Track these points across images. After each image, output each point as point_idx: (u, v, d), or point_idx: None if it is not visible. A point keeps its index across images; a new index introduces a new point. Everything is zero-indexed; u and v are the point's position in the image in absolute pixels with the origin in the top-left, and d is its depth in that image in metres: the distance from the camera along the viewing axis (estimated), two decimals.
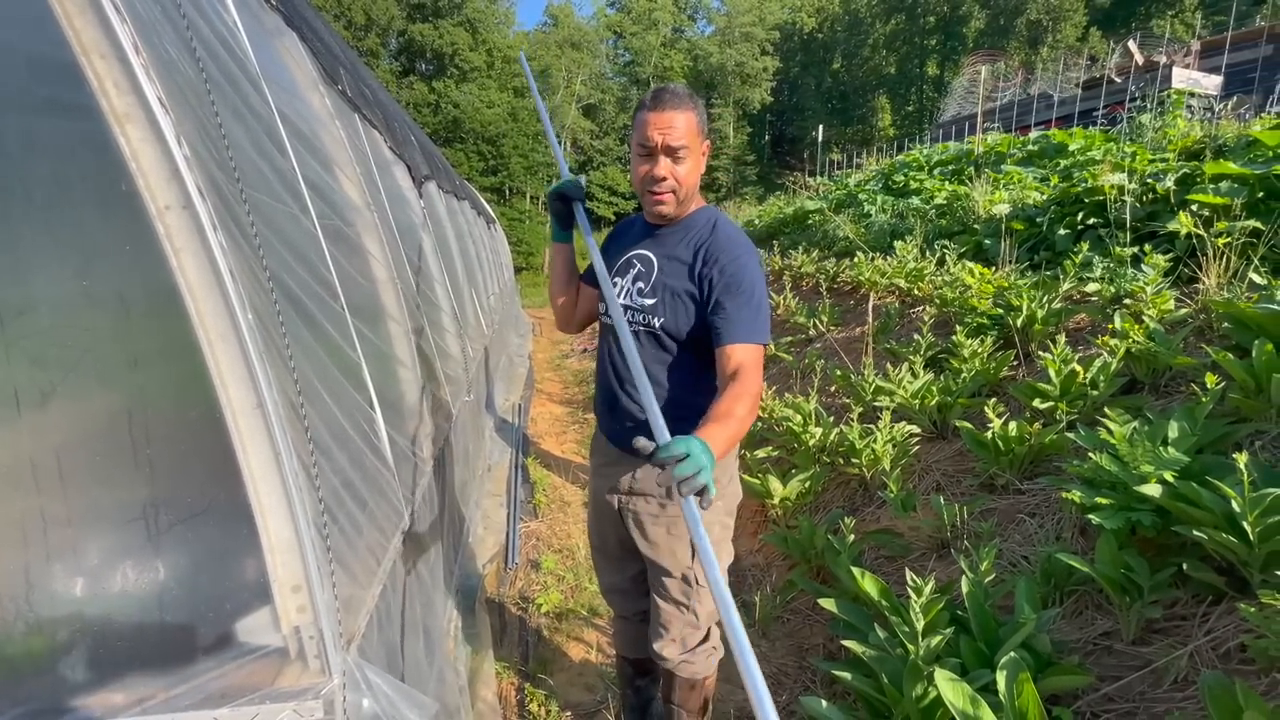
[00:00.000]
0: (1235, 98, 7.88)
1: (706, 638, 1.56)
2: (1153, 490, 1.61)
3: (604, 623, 2.51)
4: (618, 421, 1.49)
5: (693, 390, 1.42)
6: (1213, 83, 15.55)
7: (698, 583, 1.48)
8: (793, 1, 47.68)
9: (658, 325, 1.41)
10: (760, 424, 3.40)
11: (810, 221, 8.78)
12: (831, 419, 3.12)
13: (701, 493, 0.95)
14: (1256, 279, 2.55)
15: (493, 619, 2.43)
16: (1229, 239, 2.73)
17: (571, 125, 37.33)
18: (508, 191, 33.93)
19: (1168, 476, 1.62)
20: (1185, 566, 1.55)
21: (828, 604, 1.90)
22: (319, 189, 1.60)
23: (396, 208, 2.57)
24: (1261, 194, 3.10)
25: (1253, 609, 1.31)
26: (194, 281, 0.92)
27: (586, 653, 2.35)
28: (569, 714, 2.05)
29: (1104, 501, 1.71)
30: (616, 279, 1.49)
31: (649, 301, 1.42)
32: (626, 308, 1.45)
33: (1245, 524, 1.37)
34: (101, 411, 0.91)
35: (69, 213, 0.91)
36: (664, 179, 1.35)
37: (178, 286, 0.91)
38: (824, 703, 1.52)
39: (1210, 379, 1.86)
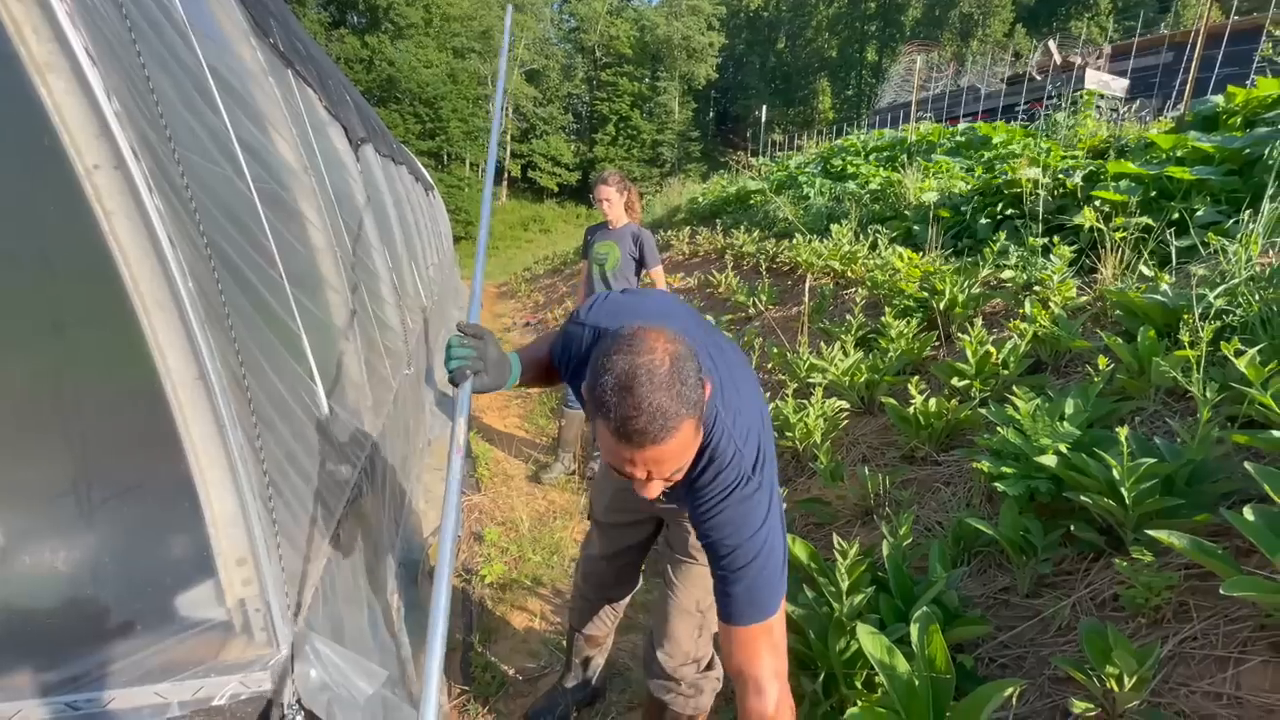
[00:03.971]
0: (1138, 101, 8.52)
1: (710, 666, 1.54)
2: (1049, 460, 1.79)
3: (547, 592, 2.56)
4: None
5: None
6: (1120, 85, 16.70)
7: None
8: None
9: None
10: None
11: (752, 202, 8.94)
12: (768, 395, 3.25)
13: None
14: (1145, 271, 2.82)
15: None
16: (1125, 234, 3.00)
17: (514, 91, 36.10)
18: (446, 157, 32.63)
19: (1062, 448, 1.81)
20: (1073, 528, 1.74)
21: None
22: (254, 150, 1.52)
23: (333, 172, 2.46)
24: (1155, 193, 3.41)
25: (1125, 563, 1.50)
26: (127, 246, 0.88)
27: (530, 621, 2.40)
28: (514, 680, 2.10)
29: (1008, 471, 1.89)
30: None
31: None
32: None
33: (1123, 490, 1.56)
34: (27, 383, 0.86)
35: None
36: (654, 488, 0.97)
37: (109, 251, 0.87)
38: None
39: (1102, 361, 2.07)
